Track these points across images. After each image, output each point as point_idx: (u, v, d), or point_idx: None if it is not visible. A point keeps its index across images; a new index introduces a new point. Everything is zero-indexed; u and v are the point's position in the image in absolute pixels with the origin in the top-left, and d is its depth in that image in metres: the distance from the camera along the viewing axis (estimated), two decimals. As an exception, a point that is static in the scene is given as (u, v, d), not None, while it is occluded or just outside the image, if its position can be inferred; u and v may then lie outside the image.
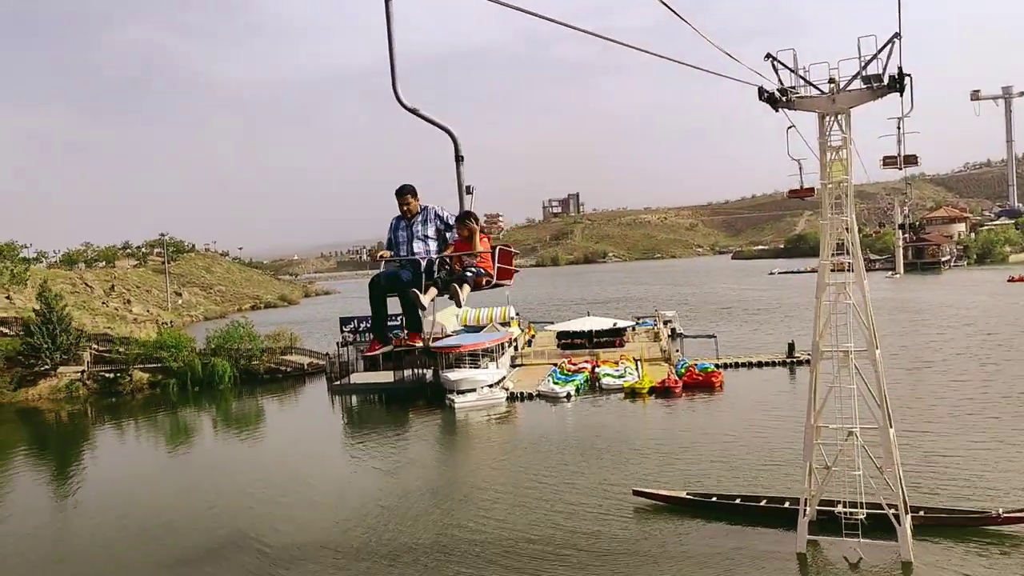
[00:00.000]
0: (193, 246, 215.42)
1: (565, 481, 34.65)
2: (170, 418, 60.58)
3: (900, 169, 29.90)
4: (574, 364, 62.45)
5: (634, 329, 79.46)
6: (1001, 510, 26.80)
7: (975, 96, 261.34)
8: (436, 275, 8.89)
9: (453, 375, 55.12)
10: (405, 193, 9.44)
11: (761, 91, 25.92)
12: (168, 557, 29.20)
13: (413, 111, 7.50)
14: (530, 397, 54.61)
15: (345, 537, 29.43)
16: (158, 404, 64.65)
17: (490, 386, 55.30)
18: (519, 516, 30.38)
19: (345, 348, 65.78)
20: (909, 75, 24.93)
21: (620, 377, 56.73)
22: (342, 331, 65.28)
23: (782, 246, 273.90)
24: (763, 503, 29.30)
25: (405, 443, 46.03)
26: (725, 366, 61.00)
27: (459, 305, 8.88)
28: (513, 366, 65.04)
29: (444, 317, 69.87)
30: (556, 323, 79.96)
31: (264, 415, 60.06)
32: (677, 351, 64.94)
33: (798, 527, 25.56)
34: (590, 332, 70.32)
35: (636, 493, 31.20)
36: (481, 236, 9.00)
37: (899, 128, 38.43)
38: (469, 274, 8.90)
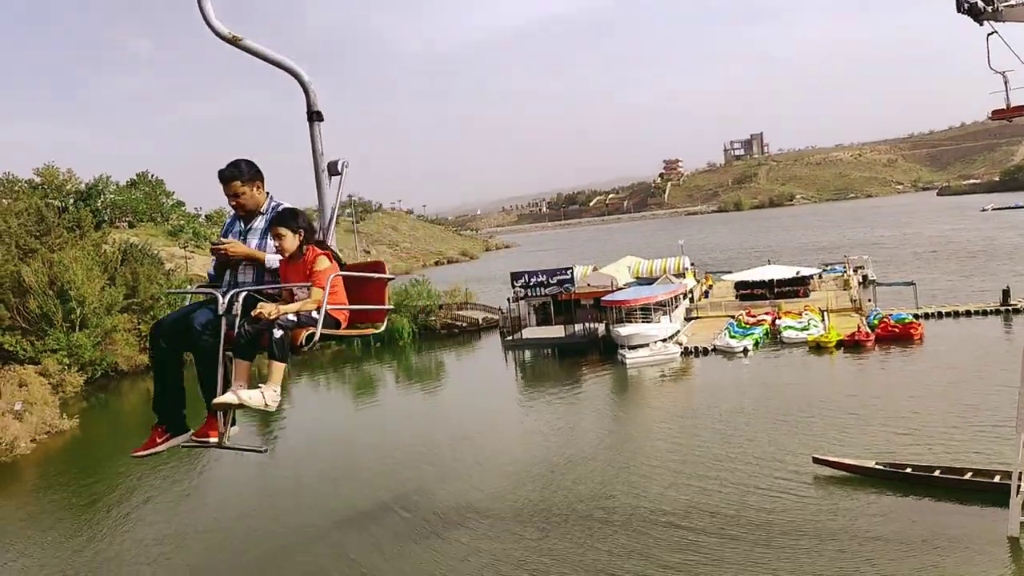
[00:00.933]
0: (380, 205, 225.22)
1: (738, 447, 32.53)
2: (355, 374, 63.45)
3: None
4: (753, 316, 59.04)
5: (820, 277, 74.11)
6: None
7: None
8: (241, 327, 5.33)
9: (624, 330, 53.60)
10: (231, 179, 5.82)
11: (960, 1, 22.14)
12: (347, 510, 30.25)
13: (232, 41, 5.15)
14: (705, 352, 52.17)
15: (505, 502, 29.14)
16: (344, 360, 67.89)
17: (663, 340, 53.29)
18: (684, 485, 28.75)
19: (517, 303, 65.83)
20: None
21: (804, 330, 52.92)
22: (513, 286, 65.28)
23: (997, 179, 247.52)
24: (967, 476, 25.96)
25: (575, 400, 45.35)
26: (926, 316, 55.44)
27: (265, 406, 5.34)
28: (688, 319, 62.54)
29: (615, 269, 68.39)
30: (735, 272, 76.03)
31: (441, 370, 61.51)
32: (869, 300, 59.64)
33: (1010, 507, 22.30)
34: (771, 281, 66.16)
35: (816, 461, 28.62)
36: (315, 254, 5.60)
37: None
38: (279, 330, 5.28)
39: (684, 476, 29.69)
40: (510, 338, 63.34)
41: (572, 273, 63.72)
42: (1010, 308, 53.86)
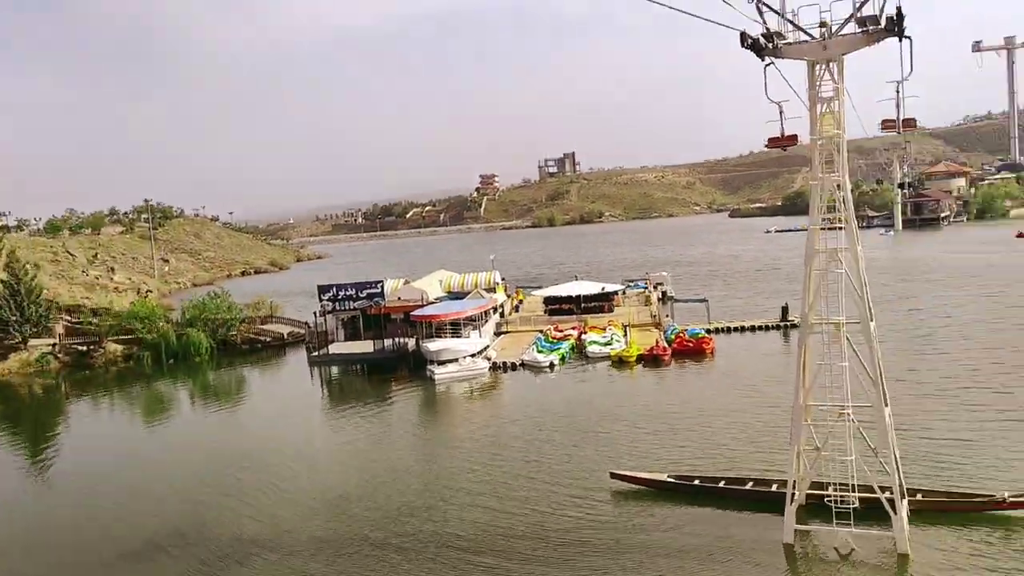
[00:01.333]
0: (182, 211, 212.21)
1: (540, 464, 32.61)
2: (144, 392, 58.61)
3: (899, 133, 27.54)
4: (560, 331, 60.35)
5: (624, 293, 77.24)
6: (1007, 493, 24.71)
7: (976, 48, 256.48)
8: None
9: (433, 345, 52.97)
10: None
11: (744, 36, 23.29)
12: (135, 542, 27.49)
13: None
14: (513, 367, 52.53)
15: (296, 534, 27.41)
16: (133, 377, 62.63)
17: (472, 356, 53.17)
18: (484, 507, 28.27)
19: (324, 318, 63.51)
20: (905, 16, 22.34)
21: (607, 344, 54.63)
22: (320, 299, 62.90)
23: (780, 204, 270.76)
24: (749, 486, 27.28)
25: (380, 419, 44.01)
26: (717, 331, 58.92)
27: None
28: (498, 333, 62.95)
29: (427, 283, 67.69)
30: (545, 287, 77.63)
31: (241, 388, 58.04)
32: (667, 316, 62.73)
33: (785, 515, 23.50)
34: (578, 297, 68.03)
35: (614, 476, 29.15)
36: None
37: (898, 92, 36.33)
38: None
39: (484, 497, 29.24)
40: (316, 353, 60.94)
41: (382, 287, 62.37)
42: (788, 324, 58.27)
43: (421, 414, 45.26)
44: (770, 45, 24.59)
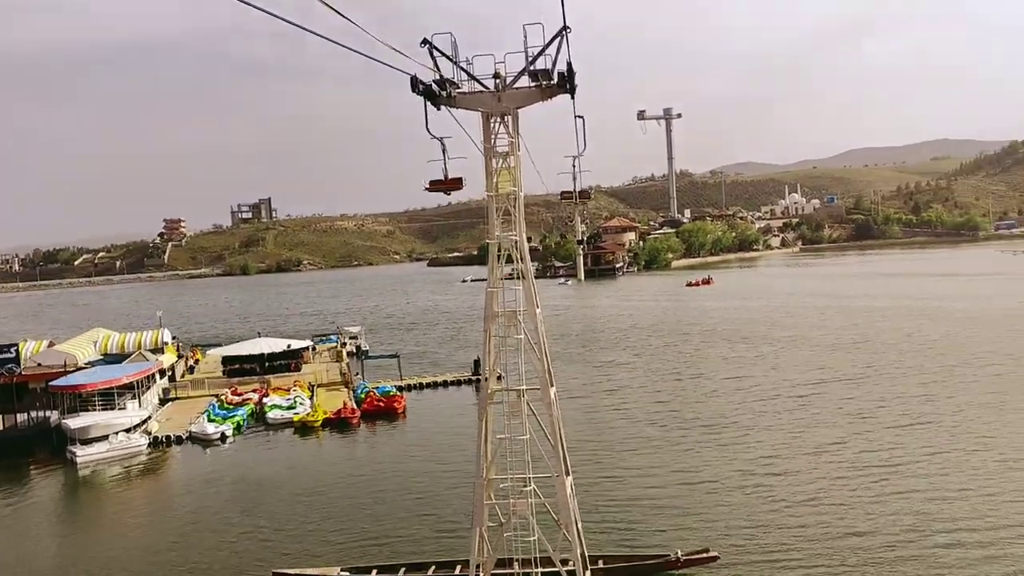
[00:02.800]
0: None
1: (197, 563, 27.53)
2: None
3: (576, 204, 27.28)
4: (239, 394, 54.63)
5: (314, 349, 72.88)
6: (680, 552, 24.68)
7: (641, 116, 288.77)
8: None
9: (75, 422, 44.71)
10: None
11: (415, 81, 21.21)
12: None
13: None
14: (179, 440, 45.98)
15: None
16: None
17: (128, 431, 45.68)
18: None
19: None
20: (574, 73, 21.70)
21: (290, 408, 49.99)
22: (-67, 367, 51.18)
23: (476, 252, 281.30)
24: (431, 571, 24.76)
25: (11, 513, 35.67)
26: (409, 387, 56.87)
27: None
28: (165, 401, 55.52)
29: (76, 345, 58.32)
30: (225, 345, 70.72)
31: None
32: (357, 374, 59.42)
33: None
34: (261, 356, 62.51)
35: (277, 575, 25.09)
36: None
37: (575, 166, 37.30)
38: None
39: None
40: (-76, 436, 49.06)
41: (16, 351, 52.39)
42: (480, 378, 57.75)
43: (57, 509, 37.31)
44: (443, 93, 22.86)
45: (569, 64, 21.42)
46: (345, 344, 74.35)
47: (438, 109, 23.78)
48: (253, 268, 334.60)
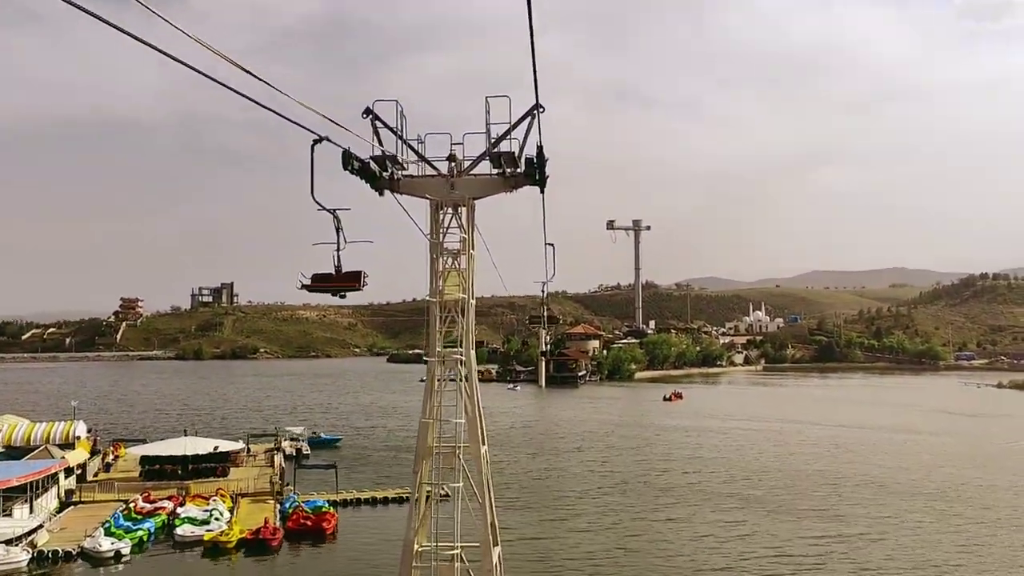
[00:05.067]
0: None
1: None
2: None
3: (544, 329, 24.14)
4: (151, 501, 48.44)
5: (249, 451, 66.64)
6: None
7: (610, 226, 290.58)
8: None
9: (-57, 531, 38.36)
10: None
11: (348, 156, 17.22)
12: None
13: None
14: (68, 557, 39.59)
15: None
16: None
17: (7, 543, 39.26)
18: None
19: None
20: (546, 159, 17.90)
21: (203, 524, 43.86)
22: None
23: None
24: None
25: None
26: (344, 503, 51.14)
27: None
28: (66, 505, 49.03)
29: (-29, 436, 51.95)
30: (148, 443, 64.21)
31: None
32: (288, 485, 53.39)
33: None
34: (184, 457, 56.32)
35: None
36: None
37: (543, 291, 34.77)
38: None
39: None
40: None
41: None
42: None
43: None
44: (385, 174, 18.90)
45: (540, 148, 17.62)
46: (280, 448, 68.11)
47: (380, 194, 19.85)
48: (207, 353, 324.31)
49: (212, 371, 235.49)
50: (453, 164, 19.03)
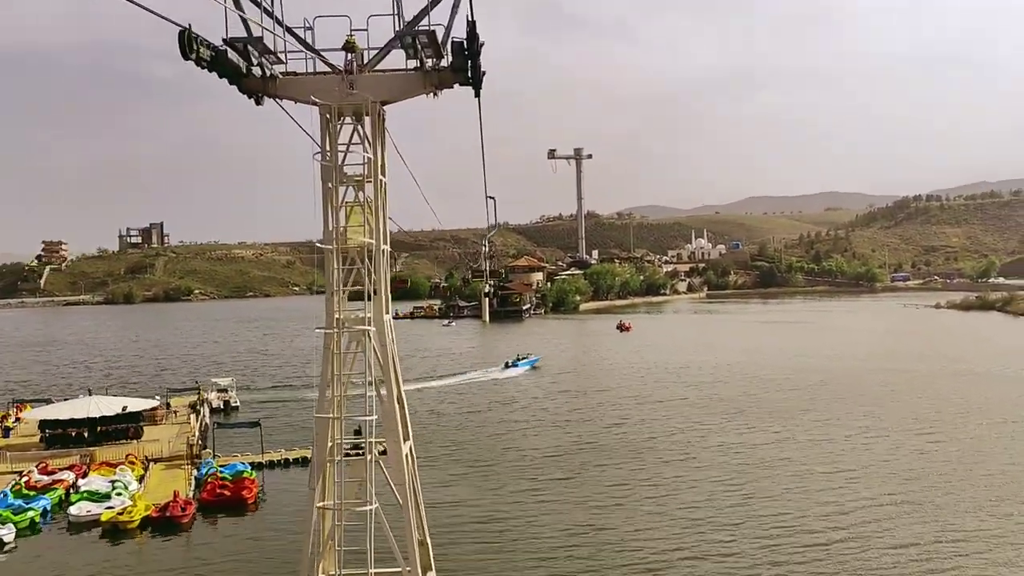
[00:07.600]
0: None
1: None
2: None
3: (486, 283, 18.70)
4: (49, 472, 42.90)
5: (168, 407, 60.95)
6: None
7: (551, 155, 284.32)
8: None
9: None
10: None
11: (187, 39, 11.74)
12: None
13: None
14: (-63, 549, 34.11)
15: None
16: None
17: None
18: None
19: None
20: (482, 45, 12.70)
21: (104, 499, 38.49)
22: None
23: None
24: None
25: None
26: (270, 464, 46.32)
27: None
28: (-50, 480, 43.13)
29: None
30: (50, 405, 57.90)
31: None
32: (206, 449, 48.12)
33: None
34: (90, 420, 50.49)
35: None
36: None
37: (484, 245, 29.52)
38: None
39: None
40: None
41: None
42: (359, 452, 47.67)
43: None
44: (254, 70, 13.47)
45: (472, 26, 12.38)
46: (205, 401, 62.54)
47: (257, 102, 14.47)
48: (139, 296, 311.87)
49: (142, 316, 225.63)
50: (352, 56, 13.71)
